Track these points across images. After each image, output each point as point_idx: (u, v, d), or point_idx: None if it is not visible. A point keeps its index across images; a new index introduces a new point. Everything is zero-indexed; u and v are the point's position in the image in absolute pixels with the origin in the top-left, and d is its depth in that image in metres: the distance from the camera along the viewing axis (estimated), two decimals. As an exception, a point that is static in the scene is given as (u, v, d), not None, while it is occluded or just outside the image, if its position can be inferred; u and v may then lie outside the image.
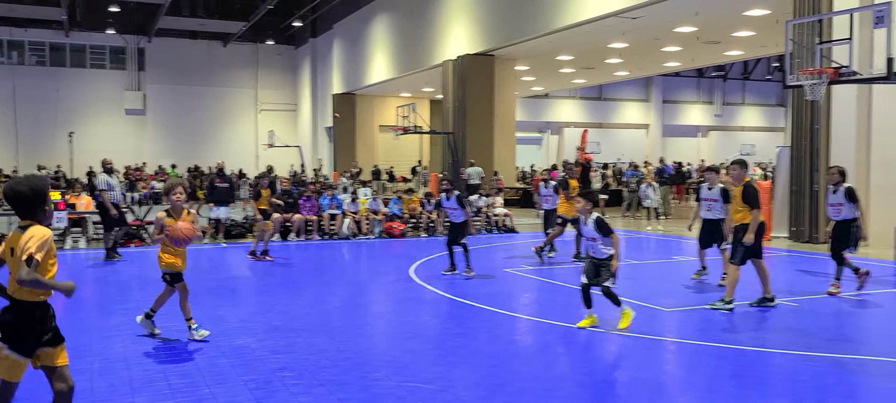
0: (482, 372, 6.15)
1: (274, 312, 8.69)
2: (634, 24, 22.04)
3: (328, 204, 17.90)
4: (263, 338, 7.28)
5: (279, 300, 9.62)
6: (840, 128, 15.49)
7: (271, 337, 7.33)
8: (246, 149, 47.46)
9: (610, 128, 49.32)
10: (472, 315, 8.55)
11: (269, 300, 9.68)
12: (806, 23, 14.82)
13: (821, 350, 6.82)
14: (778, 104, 52.71)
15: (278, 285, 10.90)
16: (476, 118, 28.11)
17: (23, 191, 3.94)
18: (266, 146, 43.28)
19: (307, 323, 8.05)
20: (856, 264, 9.83)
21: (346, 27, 40.39)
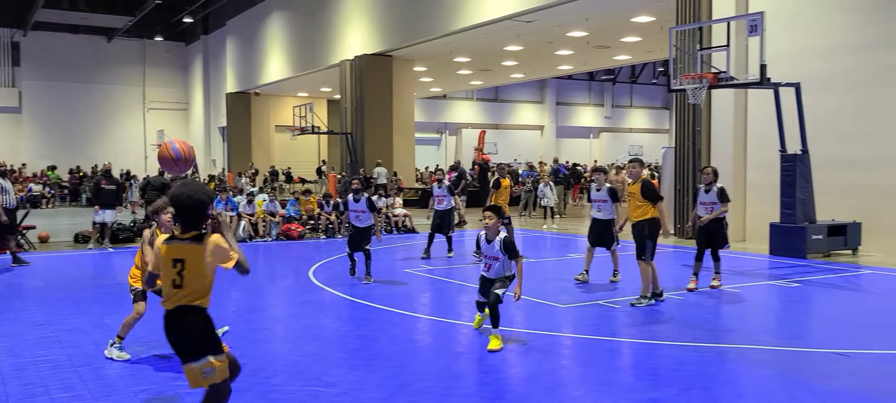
0: (384, 374, 6.14)
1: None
2: (529, 28, 22.58)
3: (223, 206, 17.39)
4: (154, 346, 6.99)
5: (171, 306, 9.27)
6: (719, 129, 16.41)
7: (163, 345, 7.04)
8: (134, 149, 45.39)
9: (506, 129, 50.29)
10: (373, 316, 8.52)
11: (159, 307, 9.28)
12: (688, 30, 15.61)
13: (705, 341, 7.21)
14: (663, 107, 55.23)
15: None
16: (375, 118, 28.03)
17: (186, 202, 4.06)
18: (155, 146, 41.59)
19: (202, 330, 7.78)
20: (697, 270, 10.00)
21: (240, 24, 39.35)
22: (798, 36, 14.95)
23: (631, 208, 9.04)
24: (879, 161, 13.94)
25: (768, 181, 14.75)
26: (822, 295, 10.13)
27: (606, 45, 26.45)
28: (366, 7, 28.25)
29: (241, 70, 39.72)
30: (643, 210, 8.82)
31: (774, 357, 6.76)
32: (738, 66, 14.22)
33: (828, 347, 6.97)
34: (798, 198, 13.55)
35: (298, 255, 14.83)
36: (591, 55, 28.68)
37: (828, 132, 14.31)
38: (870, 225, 13.93)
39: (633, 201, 8.97)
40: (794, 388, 5.76)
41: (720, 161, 16.19)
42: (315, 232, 18.33)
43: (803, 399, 5.47)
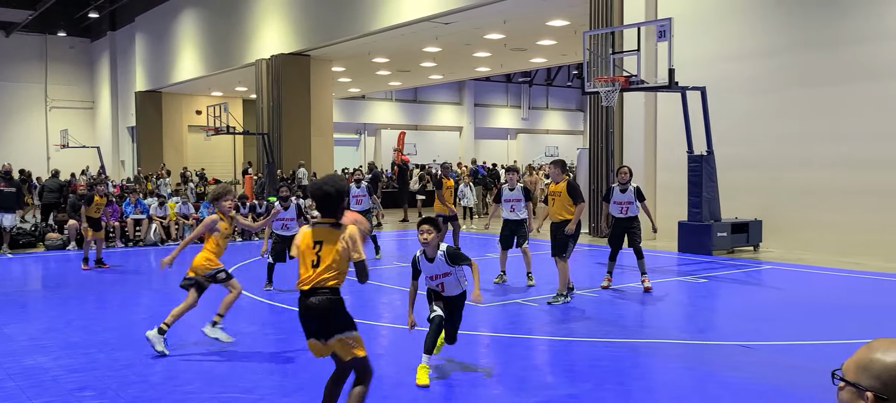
0: (303, 378, 6.06)
1: (72, 327, 8.00)
2: (447, 30, 22.71)
3: (132, 209, 16.77)
4: (59, 356, 6.69)
5: (77, 314, 8.88)
6: (631, 131, 16.94)
7: (69, 355, 6.75)
8: (35, 150, 43.11)
9: (425, 130, 50.39)
10: (291, 320, 8.37)
11: (65, 314, 8.90)
12: (601, 34, 16.05)
13: (619, 337, 7.43)
14: (578, 109, 56.51)
15: (75, 297, 10.05)
16: (292, 119, 27.61)
17: (329, 191, 4.42)
18: (58, 147, 39.66)
19: (110, 337, 7.50)
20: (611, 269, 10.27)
21: (150, 21, 38.01)
22: (704, 42, 15.59)
23: (555, 208, 9.15)
24: (779, 161, 14.69)
25: (677, 181, 15.33)
26: (727, 290, 10.60)
27: (523, 48, 26.88)
28: (282, 6, 27.78)
29: (151, 68, 38.37)
30: (569, 210, 9.02)
31: (684, 350, 7.03)
32: (649, 69, 14.71)
33: (733, 340, 7.30)
34: (704, 197, 14.13)
35: (213, 259, 14.44)
36: (508, 57, 29.08)
37: (732, 134, 14.99)
38: (770, 223, 14.67)
39: (558, 201, 9.11)
40: (702, 380, 6.01)
41: (632, 162, 16.70)
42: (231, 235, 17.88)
43: (710, 390, 5.71)
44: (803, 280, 11.19)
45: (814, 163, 14.17)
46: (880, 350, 1.63)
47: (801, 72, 14.35)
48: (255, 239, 17.44)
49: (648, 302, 9.42)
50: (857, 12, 13.49)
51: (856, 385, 1.63)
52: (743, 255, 13.94)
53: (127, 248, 16.08)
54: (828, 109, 13.96)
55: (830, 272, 11.78)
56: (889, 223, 13.06)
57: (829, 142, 13.93)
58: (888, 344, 1.64)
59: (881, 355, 1.62)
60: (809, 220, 14.21)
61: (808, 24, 14.21)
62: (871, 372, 1.61)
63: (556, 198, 9.14)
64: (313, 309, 4.33)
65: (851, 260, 12.86)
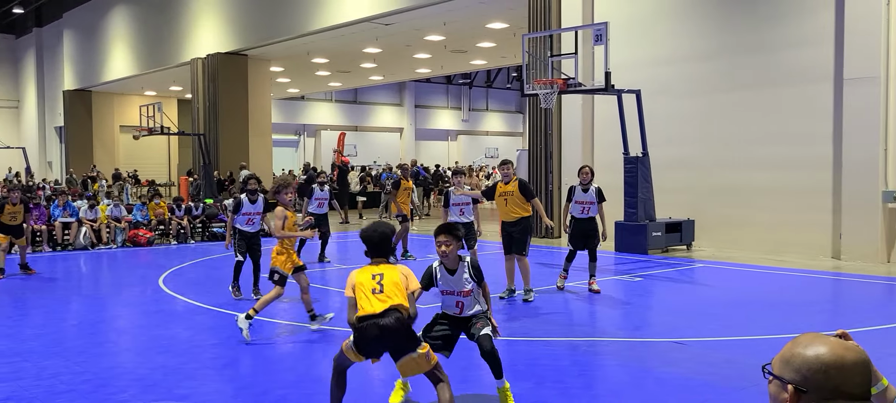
0: (241, 383, 5.96)
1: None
2: (387, 31, 22.67)
3: (61, 212, 16.20)
4: None
5: (0, 321, 8.53)
6: (569, 133, 17.22)
7: None
8: (-45, 150, 41.26)
9: (365, 131, 50.15)
10: (229, 324, 8.23)
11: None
12: (539, 37, 16.27)
13: (557, 336, 7.54)
14: (517, 111, 57.11)
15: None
16: (229, 119, 27.11)
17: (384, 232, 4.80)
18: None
19: (37, 345, 7.23)
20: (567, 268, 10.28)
21: (79, 17, 36.77)
22: (639, 46, 15.97)
23: (508, 207, 9.20)
24: (710, 162, 15.16)
25: (613, 182, 15.62)
26: (661, 288, 10.88)
27: (463, 50, 27.02)
28: (218, 4, 27.26)
29: (80, 66, 37.11)
30: (523, 208, 9.13)
31: (620, 348, 7.18)
32: (586, 72, 14.98)
33: (667, 337, 7.50)
34: (640, 197, 14.47)
35: (147, 263, 14.08)
36: (448, 59, 29.19)
37: (665, 135, 15.39)
38: (702, 222, 15.12)
39: (510, 200, 9.18)
40: (638, 376, 6.15)
41: (570, 163, 16.99)
42: (165, 238, 17.46)
43: (646, 385, 5.85)
44: (733, 277, 11.57)
45: (741, 163, 14.67)
46: (801, 345, 1.71)
47: (729, 76, 14.83)
48: (190, 243, 17.09)
49: (586, 301, 9.59)
50: (781, 20, 14.03)
51: (780, 379, 1.70)
52: (676, 254, 14.32)
53: (55, 253, 15.53)
54: (754, 112, 14.47)
55: (758, 269, 12.22)
56: (811, 221, 13.62)
57: (754, 144, 14.44)
58: (810, 339, 1.71)
59: (802, 349, 1.70)
60: (738, 219, 14.70)
61: (735, 31, 14.70)
62: (793, 366, 1.69)
63: (509, 197, 9.21)
64: (382, 334, 4.44)
65: (777, 257, 13.36)
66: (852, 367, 1.65)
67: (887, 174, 12.76)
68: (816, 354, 1.67)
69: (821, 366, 1.65)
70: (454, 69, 36.36)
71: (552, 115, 17.02)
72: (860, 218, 12.89)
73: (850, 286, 11.07)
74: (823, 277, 11.62)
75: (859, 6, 12.80)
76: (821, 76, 13.46)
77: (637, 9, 16.24)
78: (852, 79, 12.90)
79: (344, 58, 28.74)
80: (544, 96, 13.52)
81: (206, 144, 26.81)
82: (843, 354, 1.66)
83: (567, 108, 17.12)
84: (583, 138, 17.04)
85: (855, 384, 1.64)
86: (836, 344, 1.68)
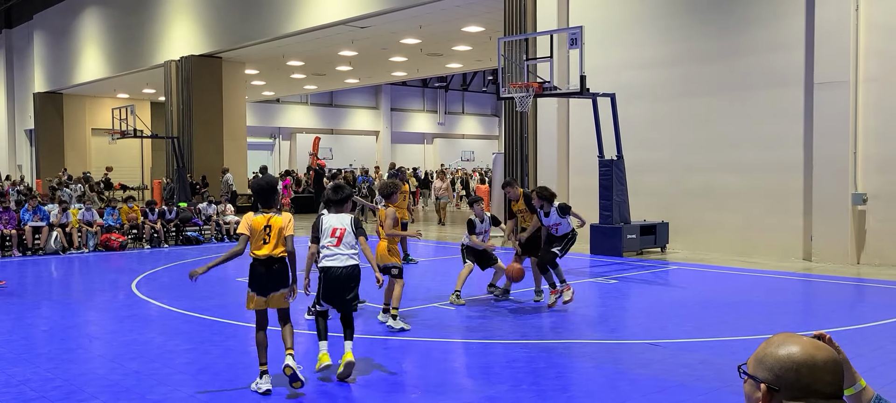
0: (214, 388, 5.90)
1: (-37, 342, 7.53)
2: (363, 34, 22.62)
3: (31, 216, 15.93)
4: None
5: (-31, 328, 8.36)
6: (544, 136, 17.30)
7: None
8: (-79, 153, 40.45)
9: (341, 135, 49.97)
10: (203, 328, 8.16)
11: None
12: (515, 41, 16.33)
13: (534, 338, 7.57)
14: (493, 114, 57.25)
15: (-32, 311, 9.45)
16: (203, 122, 26.87)
17: (263, 185, 5.91)
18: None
19: (6, 352, 7.10)
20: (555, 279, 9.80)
21: (50, 18, 36.23)
22: (614, 50, 16.09)
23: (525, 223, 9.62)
24: (684, 165, 15.31)
25: (588, 184, 15.75)
26: (636, 290, 10.96)
27: (439, 53, 27.04)
28: (192, 6, 27.01)
29: (51, 68, 36.55)
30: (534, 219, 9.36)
31: (595, 350, 7.23)
32: (561, 76, 15.06)
33: (642, 338, 7.56)
34: (614, 200, 14.57)
35: (119, 267, 13.90)
36: (424, 62, 29.19)
37: (639, 139, 15.52)
38: (676, 225, 15.27)
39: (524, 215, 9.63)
40: (613, 378, 6.19)
41: (545, 166, 17.09)
42: (138, 243, 17.26)
43: (621, 387, 5.89)
44: (706, 279, 11.69)
45: (714, 166, 14.84)
46: (774, 344, 1.73)
47: (702, 80, 15.01)
48: (163, 247, 16.89)
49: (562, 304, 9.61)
50: (753, 25, 14.22)
51: (753, 378, 1.72)
52: (651, 256, 14.44)
53: (25, 257, 15.27)
54: (727, 115, 14.64)
55: (731, 271, 12.36)
56: (782, 224, 13.82)
57: (727, 147, 14.62)
58: (783, 339, 1.73)
59: (774, 349, 1.72)
60: (711, 222, 14.87)
61: (709, 35, 14.87)
62: (765, 365, 1.71)
63: (523, 212, 9.63)
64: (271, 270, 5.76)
65: (749, 259, 13.53)
66: (823, 366, 1.67)
67: (857, 177, 12.99)
68: (788, 353, 1.69)
69: (792, 365, 1.67)
70: (430, 72, 36.36)
71: (527, 119, 17.09)
72: (830, 221, 13.10)
73: (820, 287, 11.24)
74: (794, 278, 11.79)
75: (829, 12, 13.02)
76: (792, 80, 13.66)
77: (612, 13, 16.37)
78: (823, 83, 13.11)
79: (319, 60, 28.63)
80: (520, 100, 13.57)
81: (179, 147, 26.54)
82: (814, 353, 1.68)
83: (542, 112, 17.20)
84: (558, 141, 17.13)
85: (826, 383, 1.66)
86: (808, 344, 1.71)
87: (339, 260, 6.02)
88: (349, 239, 6.10)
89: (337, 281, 6.00)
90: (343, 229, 6.08)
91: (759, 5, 14.14)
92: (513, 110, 16.64)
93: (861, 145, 12.95)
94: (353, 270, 6.06)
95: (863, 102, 12.92)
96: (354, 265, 6.07)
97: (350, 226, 6.13)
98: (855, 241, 13.03)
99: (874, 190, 12.85)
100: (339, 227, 6.10)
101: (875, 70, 12.79)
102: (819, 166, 13.23)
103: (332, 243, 6.05)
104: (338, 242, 6.05)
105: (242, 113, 28.77)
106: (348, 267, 6.03)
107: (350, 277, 6.03)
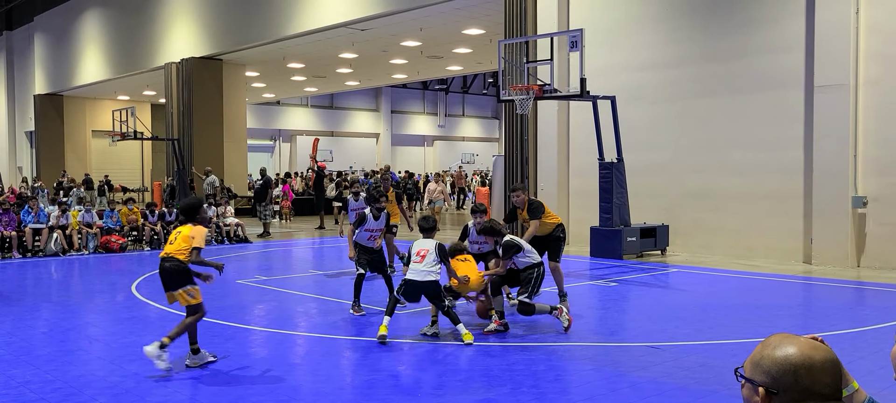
0: (214, 390, 5.90)
1: (-37, 344, 7.52)
2: (363, 36, 22.63)
3: (31, 218, 15.93)
4: None
5: (-31, 330, 8.36)
6: (544, 139, 17.31)
7: None
8: (-79, 155, 40.47)
9: (342, 137, 50.00)
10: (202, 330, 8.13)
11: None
12: (515, 43, 16.34)
13: (533, 341, 7.56)
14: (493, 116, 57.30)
15: (-32, 313, 9.45)
16: (204, 124, 26.88)
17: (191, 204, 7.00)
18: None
19: (6, 354, 7.10)
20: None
21: (50, 20, 36.26)
22: (614, 52, 16.10)
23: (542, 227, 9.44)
24: (684, 167, 15.32)
25: (588, 187, 15.75)
26: (636, 293, 10.95)
27: (439, 56, 27.05)
28: (193, 8, 27.03)
29: (51, 70, 36.59)
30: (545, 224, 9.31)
31: (595, 352, 7.22)
32: (561, 78, 15.07)
33: (642, 341, 7.55)
34: (615, 203, 14.57)
35: (119, 269, 13.90)
36: (424, 65, 29.21)
37: (640, 141, 15.52)
38: (676, 227, 15.27)
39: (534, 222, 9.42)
40: (613, 381, 6.19)
41: (546, 168, 17.10)
42: (138, 244, 17.26)
43: (621, 390, 5.89)
44: (706, 282, 11.69)
45: (714, 169, 14.84)
46: (771, 347, 1.72)
47: (702, 82, 15.01)
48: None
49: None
50: (754, 27, 14.23)
51: (751, 381, 1.71)
52: (651, 259, 14.44)
53: (25, 259, 15.27)
54: (727, 118, 14.65)
55: (731, 274, 12.35)
56: (782, 226, 13.81)
57: (727, 149, 14.62)
58: (779, 341, 1.72)
59: (771, 351, 1.71)
60: (711, 224, 14.87)
61: (709, 37, 14.88)
62: (762, 368, 1.70)
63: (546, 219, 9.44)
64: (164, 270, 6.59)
65: (749, 262, 13.52)
66: (821, 367, 1.66)
67: (856, 180, 12.99)
68: (785, 355, 1.68)
69: (790, 367, 1.66)
70: (430, 75, 36.39)
71: (528, 121, 17.10)
72: (830, 223, 13.10)
73: (820, 290, 11.24)
74: (794, 281, 11.78)
75: (829, 15, 13.03)
76: (792, 83, 13.67)
77: (612, 15, 16.38)
78: (823, 86, 13.12)
79: (320, 63, 28.64)
80: (520, 102, 13.57)
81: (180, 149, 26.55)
82: (812, 354, 1.67)
83: (543, 114, 17.21)
84: (558, 144, 17.13)
85: (824, 384, 1.65)
86: (805, 345, 1.69)
87: (420, 276, 7.37)
88: (430, 258, 7.45)
89: (416, 289, 7.43)
90: (426, 250, 7.48)
91: (760, 8, 14.15)
92: (513, 113, 16.65)
93: (861, 148, 12.95)
94: (431, 285, 7.36)
95: (863, 105, 12.92)
96: (432, 281, 7.34)
97: (434, 250, 7.49)
98: (855, 244, 13.03)
99: (874, 193, 12.85)
100: (423, 249, 7.51)
101: (875, 73, 12.80)
102: (819, 169, 13.23)
103: (417, 260, 7.44)
104: (421, 260, 7.43)
105: (243, 115, 28.79)
106: (426, 281, 7.36)
107: (425, 287, 7.36)
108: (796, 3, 13.57)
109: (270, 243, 18.64)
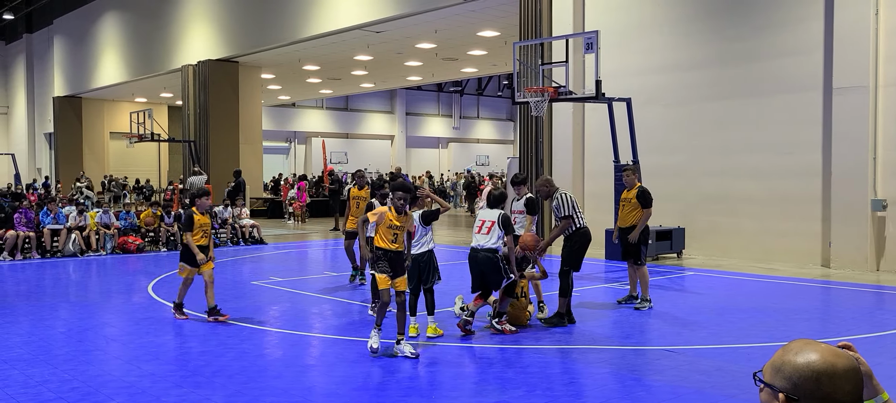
0: (229, 390, 5.92)
1: (-18, 343, 7.61)
2: (378, 38, 22.67)
3: (50, 219, 16.09)
4: None
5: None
6: (559, 141, 17.26)
7: None
8: (-57, 156, 40.99)
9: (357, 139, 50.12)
10: (218, 331, 8.19)
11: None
12: (530, 45, 16.31)
13: (548, 344, 7.54)
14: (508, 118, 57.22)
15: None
16: (220, 126, 27.04)
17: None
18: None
19: (24, 353, 7.17)
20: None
21: (69, 23, 36.64)
22: (629, 55, 16.03)
23: (624, 212, 9.66)
24: (700, 170, 15.21)
25: (603, 189, 15.67)
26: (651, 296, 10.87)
27: (454, 58, 27.05)
28: (209, 11, 27.21)
29: (70, 72, 36.96)
30: (635, 214, 9.40)
31: (610, 355, 7.18)
32: (577, 81, 15.03)
33: (657, 344, 7.50)
34: (630, 205, 14.47)
35: (136, 270, 14.00)
36: (439, 67, 29.21)
37: (655, 143, 15.44)
38: (692, 230, 15.16)
39: (627, 206, 9.61)
40: (628, 384, 6.15)
41: (560, 170, 17.03)
42: (155, 246, 17.37)
43: (636, 393, 5.85)
44: (723, 285, 11.60)
45: (731, 171, 14.73)
46: (792, 352, 1.69)
47: (719, 84, 14.91)
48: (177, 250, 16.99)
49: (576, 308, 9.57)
50: (771, 29, 14.11)
51: (771, 386, 1.68)
52: (667, 262, 14.35)
53: (44, 260, 15.42)
54: (744, 120, 14.54)
55: (748, 277, 12.25)
56: (800, 229, 13.68)
57: (744, 152, 14.51)
58: (801, 346, 1.69)
59: (792, 356, 1.68)
60: (728, 227, 14.75)
61: (726, 40, 14.78)
62: (783, 374, 1.67)
63: (627, 204, 9.58)
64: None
65: (767, 265, 13.40)
66: (844, 374, 1.63)
67: (876, 182, 12.84)
68: (807, 361, 1.65)
69: (812, 374, 1.63)
70: (445, 77, 36.38)
71: (543, 123, 17.06)
72: (849, 227, 12.96)
73: (839, 294, 11.12)
74: (813, 285, 11.66)
75: (848, 16, 12.90)
76: (810, 85, 13.54)
77: (628, 17, 16.31)
78: (841, 88, 12.99)
79: (335, 65, 28.73)
80: (535, 104, 13.54)
81: (196, 151, 26.73)
82: (834, 361, 1.64)
83: (558, 116, 17.16)
84: (573, 146, 17.07)
85: (845, 392, 1.62)
86: (827, 351, 1.66)
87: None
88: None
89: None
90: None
91: (778, 9, 14.04)
92: (528, 115, 16.62)
93: (880, 150, 12.81)
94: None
95: (882, 107, 12.78)
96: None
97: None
98: (874, 247, 12.88)
99: (894, 196, 12.70)
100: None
101: (895, 75, 12.65)
102: (838, 172, 13.10)
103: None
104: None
105: (258, 117, 28.94)
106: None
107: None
108: (815, 6, 13.45)
109: (285, 244, 18.70)
